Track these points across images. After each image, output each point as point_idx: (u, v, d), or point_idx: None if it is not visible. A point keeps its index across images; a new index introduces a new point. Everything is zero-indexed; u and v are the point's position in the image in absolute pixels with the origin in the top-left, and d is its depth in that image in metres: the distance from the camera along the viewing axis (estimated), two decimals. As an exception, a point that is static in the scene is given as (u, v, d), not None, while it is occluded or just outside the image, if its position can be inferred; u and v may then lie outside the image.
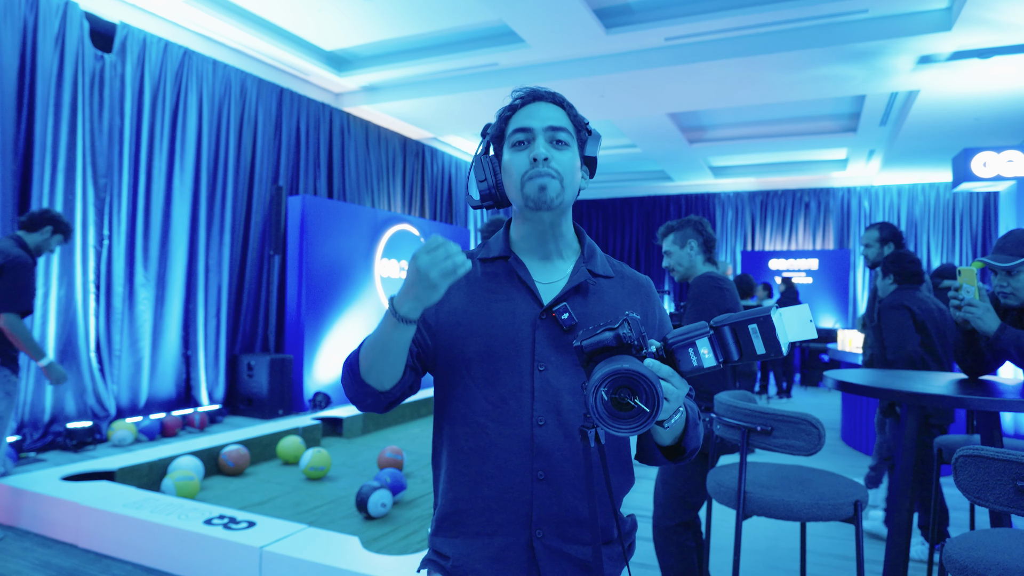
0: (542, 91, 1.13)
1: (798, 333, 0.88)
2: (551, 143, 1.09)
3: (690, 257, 2.59)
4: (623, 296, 1.16)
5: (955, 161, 7.25)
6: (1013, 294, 2.14)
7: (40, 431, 4.90)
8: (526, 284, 1.13)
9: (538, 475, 1.06)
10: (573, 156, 1.11)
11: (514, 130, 1.11)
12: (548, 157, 1.07)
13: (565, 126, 1.10)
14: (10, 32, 4.80)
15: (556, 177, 1.08)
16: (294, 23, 6.34)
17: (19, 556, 3.04)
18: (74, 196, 5.19)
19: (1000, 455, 1.32)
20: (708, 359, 0.87)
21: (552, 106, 1.12)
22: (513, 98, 1.14)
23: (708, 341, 0.88)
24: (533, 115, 1.10)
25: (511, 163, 1.11)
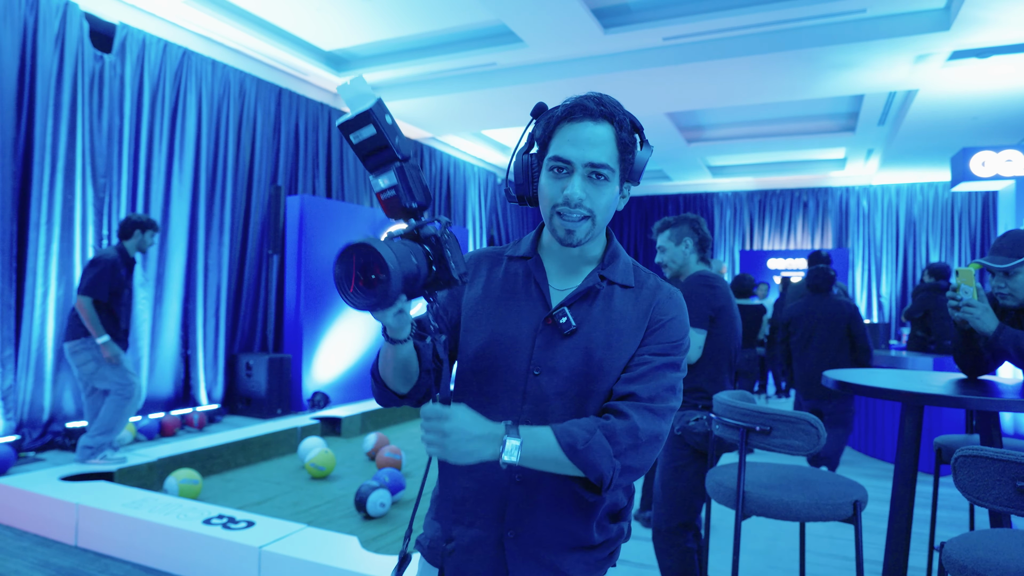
0: (592, 105, 1.05)
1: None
2: (589, 178, 1.04)
3: (684, 255, 2.59)
4: (635, 308, 1.12)
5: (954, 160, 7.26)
6: (1011, 295, 2.14)
7: (39, 431, 4.90)
8: (539, 287, 1.13)
9: (515, 476, 1.07)
10: (612, 189, 1.07)
11: (553, 155, 1.05)
12: (583, 198, 1.03)
13: (607, 162, 1.04)
14: (10, 32, 4.79)
15: (588, 217, 1.05)
16: (293, 23, 6.33)
17: (18, 556, 3.04)
18: (73, 196, 5.18)
19: (999, 455, 1.32)
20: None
21: (601, 128, 1.05)
22: (562, 107, 1.08)
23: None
24: (577, 141, 1.04)
25: (545, 186, 1.07)
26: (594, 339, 1.08)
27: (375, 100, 0.90)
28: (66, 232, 5.14)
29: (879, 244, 11.76)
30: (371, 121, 0.90)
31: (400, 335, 1.00)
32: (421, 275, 0.91)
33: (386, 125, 0.91)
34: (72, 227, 5.17)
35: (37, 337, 4.93)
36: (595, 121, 1.05)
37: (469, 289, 1.17)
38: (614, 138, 1.06)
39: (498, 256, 1.21)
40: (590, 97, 1.07)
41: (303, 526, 2.95)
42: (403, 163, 0.93)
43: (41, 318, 4.96)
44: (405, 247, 0.90)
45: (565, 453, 0.97)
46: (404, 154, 0.93)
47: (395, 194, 0.92)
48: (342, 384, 7.15)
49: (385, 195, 0.93)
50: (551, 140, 1.07)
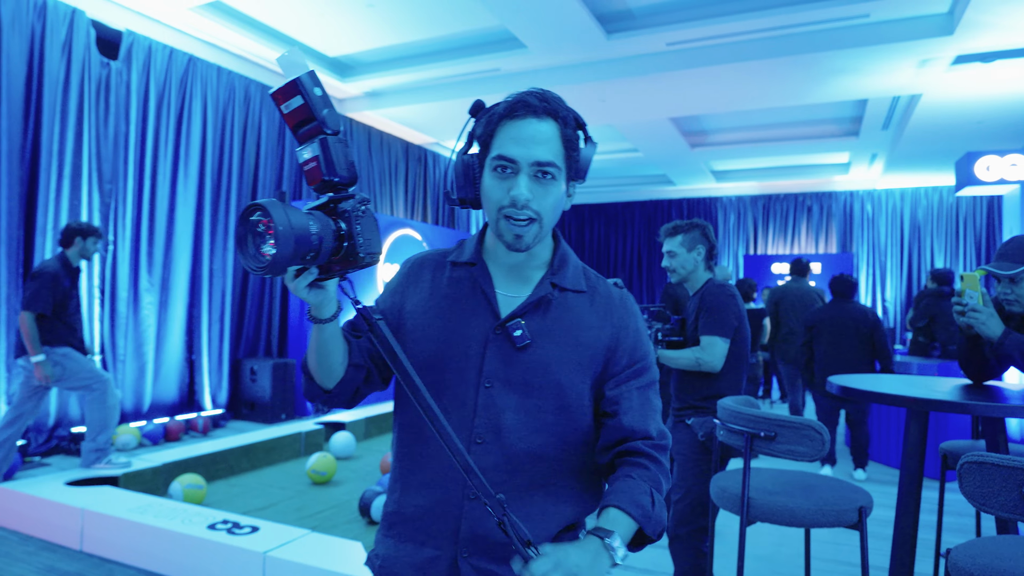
0: (535, 102, 1.01)
1: None
2: (535, 177, 1.00)
3: (695, 262, 2.58)
4: (592, 314, 1.09)
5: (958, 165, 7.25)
6: (1017, 301, 2.13)
7: (44, 435, 4.91)
8: (486, 295, 1.08)
9: (470, 494, 1.01)
10: (559, 188, 1.03)
11: (498, 155, 1.00)
12: (530, 199, 0.99)
13: (553, 159, 1.00)
14: (18, 40, 4.83)
15: (536, 220, 1.01)
16: (297, 29, 6.37)
17: (23, 560, 3.05)
18: (80, 202, 5.21)
19: (1005, 461, 1.32)
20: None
21: (545, 125, 1.01)
22: (504, 104, 1.03)
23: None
24: (522, 140, 0.99)
25: (489, 189, 1.02)
26: (551, 352, 1.04)
27: (307, 71, 0.89)
28: (72, 238, 5.16)
29: (883, 248, 11.73)
30: (299, 91, 0.89)
31: (320, 313, 0.97)
32: (324, 247, 0.88)
33: (315, 96, 0.90)
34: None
35: (43, 342, 4.94)
36: (539, 118, 1.01)
37: (413, 296, 1.12)
38: (559, 135, 1.02)
39: (441, 261, 1.15)
40: (532, 93, 1.03)
41: (307, 531, 2.95)
42: (328, 136, 0.91)
43: (47, 323, 4.97)
44: (309, 216, 0.88)
45: (640, 524, 0.97)
46: (332, 128, 0.92)
47: (315, 165, 0.91)
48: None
49: (307, 166, 0.93)
50: (493, 139, 1.02)
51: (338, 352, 1.04)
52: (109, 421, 4.05)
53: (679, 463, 2.47)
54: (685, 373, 2.52)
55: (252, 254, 0.85)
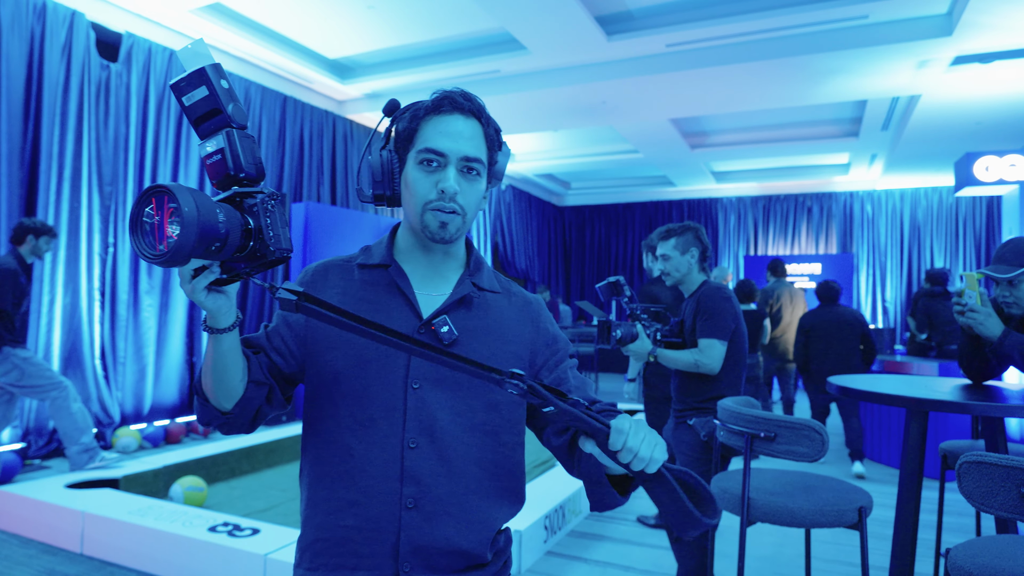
0: (461, 99, 1.02)
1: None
2: (462, 172, 1.01)
3: (689, 265, 2.59)
4: (512, 312, 1.10)
5: (957, 165, 7.26)
6: (1016, 303, 2.13)
7: (44, 438, 4.91)
8: (405, 295, 1.05)
9: (407, 503, 0.98)
10: (482, 185, 1.04)
11: (425, 147, 1.00)
12: (458, 191, 1.00)
13: (480, 156, 1.02)
14: (17, 42, 4.83)
15: (460, 213, 1.01)
16: (298, 32, 6.38)
17: (24, 564, 3.05)
18: (80, 204, 5.22)
19: (1004, 461, 1.32)
20: None
21: (471, 122, 1.02)
22: (430, 100, 1.03)
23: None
24: (451, 134, 1.00)
25: (415, 182, 1.01)
26: (477, 349, 1.03)
27: (211, 61, 0.85)
28: (72, 240, 5.17)
29: (883, 249, 11.73)
30: (204, 82, 0.84)
31: (218, 322, 0.90)
32: (231, 240, 0.81)
33: (221, 88, 0.85)
34: (78, 235, 5.21)
35: (43, 345, 4.95)
36: (464, 115, 1.02)
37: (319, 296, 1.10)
38: (483, 134, 1.03)
39: (347, 266, 1.11)
40: (456, 92, 1.03)
41: (308, 533, 2.95)
42: (234, 129, 0.86)
43: (48, 326, 4.98)
44: (217, 205, 0.81)
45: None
46: (239, 122, 0.86)
47: (220, 158, 0.85)
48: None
49: (211, 159, 0.86)
50: (418, 133, 1.02)
51: (237, 368, 0.97)
52: (82, 424, 4.03)
53: (681, 463, 2.48)
54: (685, 375, 2.54)
55: (149, 240, 0.76)
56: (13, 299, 3.83)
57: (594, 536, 3.52)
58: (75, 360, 5.21)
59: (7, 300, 3.81)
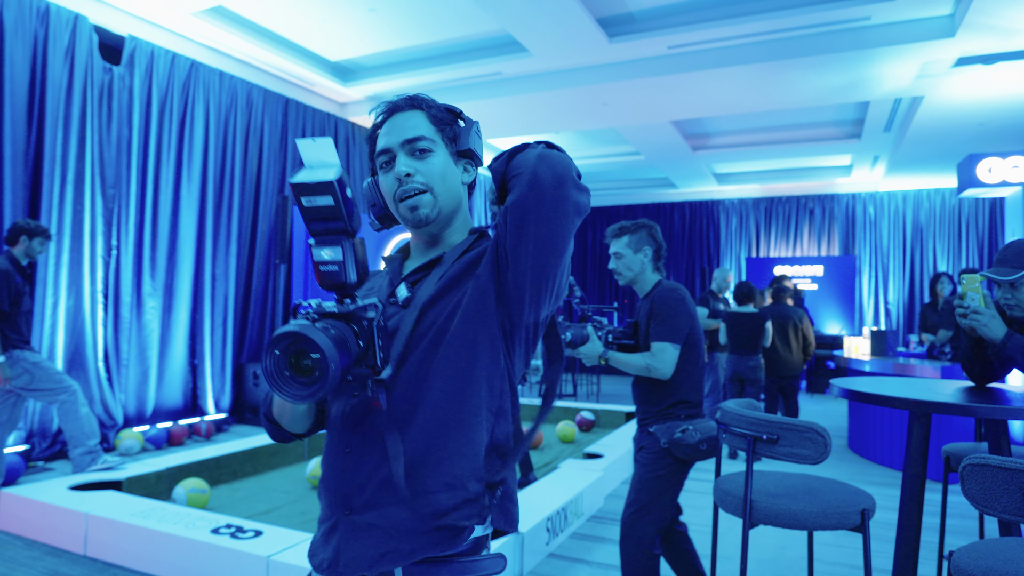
0: (399, 100, 1.09)
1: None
2: (412, 155, 1.05)
3: (642, 263, 2.49)
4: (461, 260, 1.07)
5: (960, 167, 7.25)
6: (1018, 306, 2.13)
7: (48, 440, 4.93)
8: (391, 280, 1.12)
9: (344, 449, 1.01)
10: (442, 159, 1.07)
11: (377, 153, 1.08)
12: (410, 172, 1.03)
13: (423, 133, 1.05)
14: (21, 46, 4.86)
15: (425, 190, 1.04)
16: (300, 34, 6.40)
17: (27, 565, 3.05)
18: (83, 206, 5.23)
19: (1007, 464, 1.32)
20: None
21: (410, 113, 1.07)
22: (374, 117, 1.11)
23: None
24: (391, 131, 1.07)
25: (383, 185, 1.08)
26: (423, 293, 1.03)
27: (339, 170, 0.86)
28: (76, 242, 5.19)
29: (886, 251, 11.71)
30: (331, 192, 0.85)
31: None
32: (353, 359, 0.86)
33: (346, 199, 0.86)
34: (82, 237, 5.22)
35: (47, 347, 4.96)
36: (404, 112, 1.08)
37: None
38: (426, 117, 1.07)
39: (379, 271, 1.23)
40: (399, 97, 1.10)
41: (311, 535, 2.95)
42: (352, 239, 0.89)
43: (51, 328, 5.00)
44: (339, 330, 0.84)
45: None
46: (354, 228, 0.89)
47: (336, 270, 0.89)
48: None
49: (325, 267, 0.89)
50: (375, 148, 1.10)
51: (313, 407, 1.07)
52: (89, 429, 4.04)
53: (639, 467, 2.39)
54: (644, 381, 2.45)
55: (292, 386, 0.81)
56: (9, 299, 3.82)
57: (596, 538, 3.52)
58: (78, 362, 5.22)
59: (3, 300, 3.80)
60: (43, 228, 4.06)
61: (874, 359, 5.91)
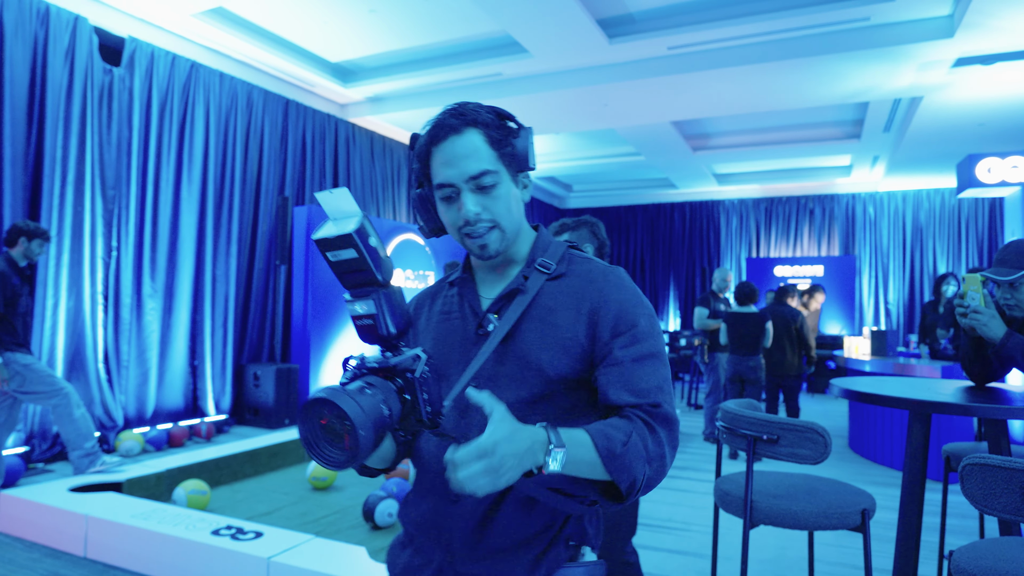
0: (451, 120, 1.02)
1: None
2: (477, 191, 1.02)
3: None
4: (567, 294, 1.06)
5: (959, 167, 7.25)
6: (1018, 306, 2.13)
7: (48, 442, 4.92)
8: (470, 303, 1.11)
9: (451, 497, 1.02)
10: (505, 187, 1.04)
11: (437, 184, 1.03)
12: (479, 211, 1.01)
13: (487, 167, 1.01)
14: (21, 47, 4.86)
15: (494, 226, 1.03)
16: (300, 35, 6.40)
17: (27, 567, 3.05)
18: (83, 208, 5.24)
19: (1006, 463, 1.32)
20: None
21: (467, 137, 1.01)
22: (425, 132, 1.05)
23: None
24: (451, 161, 1.01)
25: (444, 215, 1.06)
26: (527, 340, 1.02)
27: (359, 220, 0.82)
28: (76, 244, 5.19)
29: (886, 251, 11.72)
30: (352, 245, 0.82)
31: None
32: (394, 417, 0.83)
33: (369, 248, 0.83)
34: (82, 238, 5.22)
35: (47, 348, 4.96)
36: (459, 134, 1.01)
37: (417, 328, 1.17)
38: (484, 140, 1.02)
39: (441, 286, 1.21)
40: (447, 112, 1.04)
41: (311, 536, 2.95)
42: (383, 289, 0.86)
43: (52, 329, 5.00)
44: (372, 394, 0.81)
45: (602, 458, 0.90)
46: (385, 278, 0.86)
47: (372, 324, 0.86)
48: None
49: (361, 322, 0.87)
50: (430, 169, 1.05)
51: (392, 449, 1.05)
52: (85, 431, 4.01)
53: None
54: None
55: (328, 452, 0.80)
56: (4, 301, 3.79)
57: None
58: (78, 363, 5.22)
59: None
60: (42, 230, 4.04)
61: (874, 359, 5.91)
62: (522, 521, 1.01)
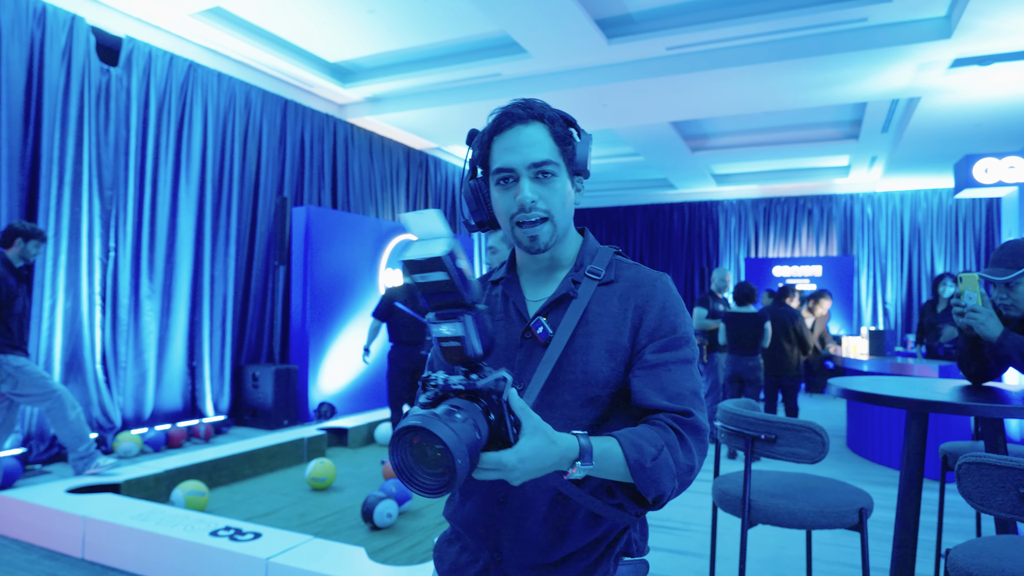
0: (519, 111, 1.04)
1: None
2: (536, 179, 1.03)
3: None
4: (614, 301, 1.07)
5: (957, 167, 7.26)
6: (1014, 306, 2.14)
7: (46, 443, 4.92)
8: (515, 304, 1.11)
9: (499, 498, 1.04)
10: (562, 182, 1.05)
11: (496, 168, 1.05)
12: (535, 199, 1.02)
13: (549, 157, 1.03)
14: (17, 47, 4.85)
15: (547, 218, 1.04)
16: (298, 35, 6.40)
17: (25, 569, 3.05)
18: (80, 208, 5.23)
19: (1003, 462, 1.32)
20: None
21: (533, 128, 1.04)
22: (490, 121, 1.07)
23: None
24: (514, 147, 1.03)
25: (498, 201, 1.06)
26: (572, 343, 1.04)
27: (449, 243, 0.81)
28: (73, 244, 5.18)
29: (884, 251, 11.74)
30: (443, 267, 0.81)
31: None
32: (483, 440, 0.82)
33: (459, 270, 0.82)
34: (79, 239, 5.22)
35: (45, 349, 4.96)
36: (525, 124, 1.04)
37: None
38: (549, 134, 1.04)
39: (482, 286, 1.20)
40: (515, 104, 1.06)
41: (310, 537, 2.95)
42: (471, 312, 0.85)
43: (49, 330, 4.99)
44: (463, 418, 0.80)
45: (631, 470, 0.92)
46: (473, 300, 0.85)
47: (459, 345, 0.85)
48: (348, 395, 7.16)
49: (447, 343, 0.85)
50: (490, 157, 1.07)
51: None
52: (80, 433, 4.00)
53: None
54: None
55: (423, 480, 0.79)
56: (1, 302, 3.78)
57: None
58: (76, 365, 5.21)
59: None
60: (39, 231, 4.03)
61: (872, 359, 5.92)
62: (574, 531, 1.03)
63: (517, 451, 0.81)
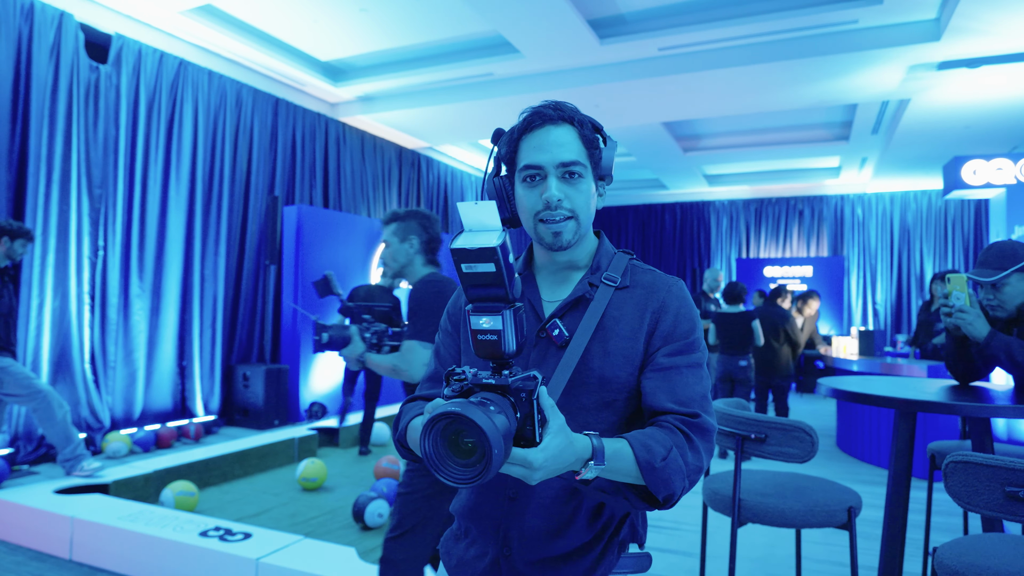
0: (549, 111, 1.06)
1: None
2: (564, 178, 1.05)
3: (408, 254, 2.27)
4: (631, 305, 1.08)
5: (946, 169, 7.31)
6: (1000, 306, 2.16)
7: (33, 444, 4.87)
8: (531, 303, 1.12)
9: (509, 493, 1.06)
10: (588, 184, 1.08)
11: (524, 165, 1.06)
12: (562, 198, 1.04)
13: (578, 158, 1.05)
14: (4, 43, 4.81)
15: (571, 217, 1.05)
16: (290, 34, 6.37)
17: (12, 571, 3.02)
18: (68, 207, 5.18)
19: (988, 461, 1.33)
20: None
21: (563, 129, 1.06)
22: (521, 119, 1.08)
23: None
24: (543, 146, 1.05)
25: (523, 198, 1.08)
26: (589, 348, 1.05)
27: (502, 235, 0.82)
28: (62, 243, 5.14)
29: (874, 252, 11.82)
30: (494, 259, 0.82)
31: None
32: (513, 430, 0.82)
33: (508, 265, 0.83)
34: (68, 238, 5.17)
35: (32, 349, 4.91)
36: (555, 124, 1.06)
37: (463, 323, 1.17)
38: (578, 136, 1.07)
39: None
40: (546, 105, 1.08)
41: (301, 537, 2.94)
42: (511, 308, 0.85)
43: (37, 330, 4.94)
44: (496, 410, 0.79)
45: (642, 470, 0.93)
46: (514, 296, 0.86)
47: (495, 339, 0.85)
48: (339, 394, 7.14)
49: (483, 336, 0.85)
50: (518, 154, 1.08)
51: None
52: (68, 433, 3.99)
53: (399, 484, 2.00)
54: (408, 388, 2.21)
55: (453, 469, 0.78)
56: None
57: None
58: (64, 364, 5.17)
59: None
60: (25, 229, 3.99)
61: (862, 359, 5.96)
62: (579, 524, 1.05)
63: (544, 449, 0.81)
